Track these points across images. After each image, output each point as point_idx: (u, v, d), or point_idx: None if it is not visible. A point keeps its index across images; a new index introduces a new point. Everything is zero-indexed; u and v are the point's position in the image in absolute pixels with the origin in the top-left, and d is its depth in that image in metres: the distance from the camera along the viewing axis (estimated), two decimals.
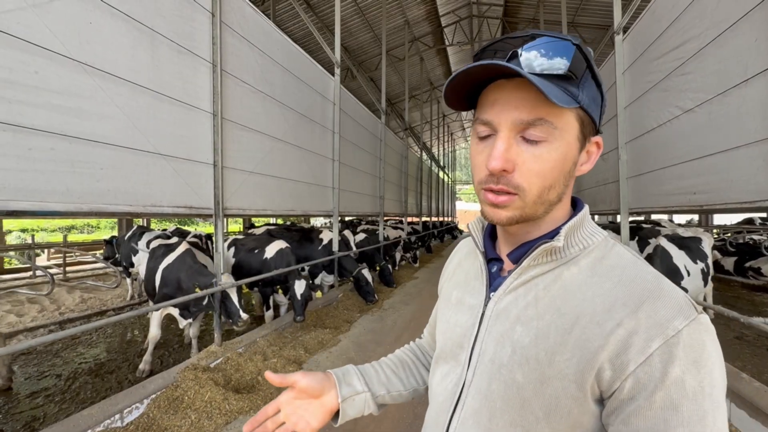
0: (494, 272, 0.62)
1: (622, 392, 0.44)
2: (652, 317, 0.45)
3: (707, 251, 4.33)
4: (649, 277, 0.49)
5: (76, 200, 2.30)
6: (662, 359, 0.43)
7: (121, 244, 6.49)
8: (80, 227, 24.08)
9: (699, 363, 0.42)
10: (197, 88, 3.23)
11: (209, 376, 2.92)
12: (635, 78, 4.16)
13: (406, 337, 4.41)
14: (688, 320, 0.44)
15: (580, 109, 0.50)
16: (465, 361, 0.59)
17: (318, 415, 0.68)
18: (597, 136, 0.55)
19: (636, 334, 0.44)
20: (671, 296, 0.46)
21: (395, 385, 0.79)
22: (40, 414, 2.92)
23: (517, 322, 0.54)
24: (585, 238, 0.55)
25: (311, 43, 10.55)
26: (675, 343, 0.43)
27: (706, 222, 11.98)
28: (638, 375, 0.43)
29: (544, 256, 0.54)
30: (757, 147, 2.45)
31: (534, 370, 0.50)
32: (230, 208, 3.68)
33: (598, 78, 0.52)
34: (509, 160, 0.49)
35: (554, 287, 0.53)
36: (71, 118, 2.25)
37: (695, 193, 3.12)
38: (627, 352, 0.44)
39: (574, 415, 0.48)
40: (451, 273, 0.75)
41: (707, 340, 0.44)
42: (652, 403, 0.42)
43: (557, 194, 0.53)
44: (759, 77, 2.41)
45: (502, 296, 0.57)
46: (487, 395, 0.54)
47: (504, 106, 0.50)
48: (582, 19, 9.96)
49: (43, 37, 2.09)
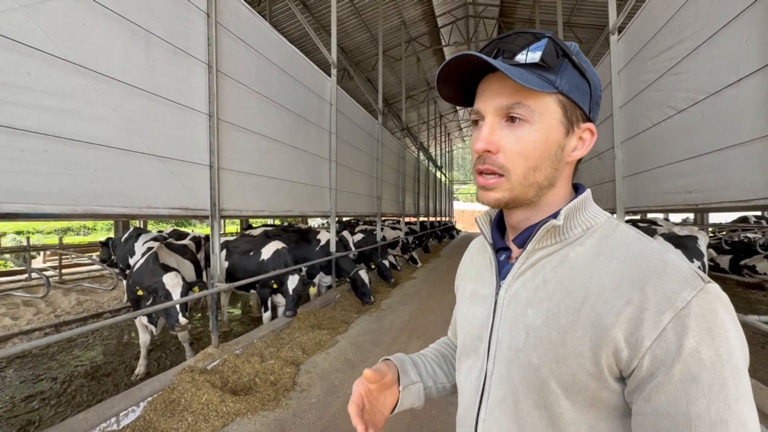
0: (503, 260, 0.64)
1: (642, 370, 0.45)
2: (660, 291, 0.45)
3: (703, 250, 4.35)
4: (654, 252, 0.49)
5: (70, 202, 2.28)
6: (676, 332, 0.43)
7: (117, 246, 6.46)
8: (76, 229, 23.95)
9: (713, 332, 0.43)
10: (192, 89, 3.22)
11: (206, 378, 2.90)
12: (630, 77, 4.17)
13: (404, 338, 4.41)
14: (695, 290, 0.44)
15: (559, 94, 0.53)
16: (484, 352, 0.60)
17: (388, 404, 0.70)
18: (588, 123, 0.57)
19: (646, 310, 0.45)
20: (676, 269, 0.46)
21: (440, 378, 0.80)
22: (36, 418, 2.90)
23: (528, 305, 0.55)
24: (588, 219, 0.56)
25: (308, 43, 10.53)
26: (686, 314, 0.43)
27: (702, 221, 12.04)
28: (654, 351, 0.43)
29: (548, 238, 0.56)
30: (751, 146, 2.46)
31: (548, 350, 0.51)
32: (227, 209, 3.67)
33: (581, 67, 0.55)
34: (492, 142, 0.54)
35: (561, 268, 0.54)
36: (64, 120, 2.24)
37: (691, 192, 3.14)
38: (640, 329, 0.45)
39: (591, 390, 0.49)
40: (465, 270, 0.77)
41: (719, 308, 0.44)
42: (671, 377, 0.42)
43: (545, 176, 0.55)
44: (750, 77, 2.42)
45: (512, 282, 0.59)
46: (509, 381, 0.55)
47: (488, 95, 0.55)
48: (577, 19, 10.00)
49: (35, 38, 2.08)
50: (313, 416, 2.71)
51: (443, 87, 0.60)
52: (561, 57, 0.53)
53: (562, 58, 0.53)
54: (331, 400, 2.94)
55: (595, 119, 0.58)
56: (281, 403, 2.83)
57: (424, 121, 20.30)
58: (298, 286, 4.14)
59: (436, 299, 6.35)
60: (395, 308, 5.75)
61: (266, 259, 4.58)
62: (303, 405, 2.85)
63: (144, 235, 6.07)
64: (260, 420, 2.61)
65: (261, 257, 4.61)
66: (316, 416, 2.72)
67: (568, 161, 0.57)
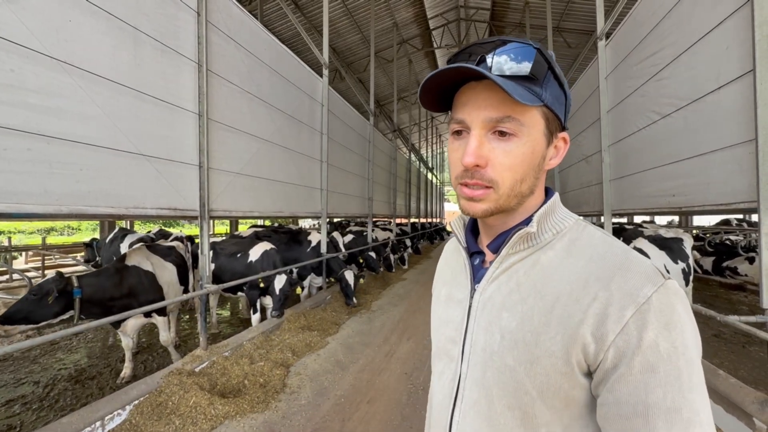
0: (477, 265, 0.65)
1: (606, 362, 0.47)
2: (623, 287, 0.48)
3: (688, 252, 4.45)
4: (618, 251, 0.52)
5: (55, 202, 2.24)
6: (637, 326, 0.45)
7: (102, 247, 6.34)
8: (60, 229, 23.41)
9: (670, 325, 0.45)
10: (181, 88, 3.18)
11: (194, 380, 2.87)
12: (617, 82, 4.26)
13: (395, 339, 4.42)
14: (656, 286, 0.47)
15: (544, 106, 0.54)
16: (458, 355, 0.61)
17: None
18: (563, 132, 0.59)
19: (611, 305, 0.47)
20: (639, 266, 0.49)
21: None
22: (17, 422, 2.82)
23: (503, 309, 0.56)
24: (557, 222, 0.58)
25: (299, 43, 10.49)
26: (646, 309, 0.45)
27: (686, 223, 12.34)
28: (618, 344, 0.46)
29: (521, 243, 0.57)
30: (730, 151, 2.54)
31: (523, 352, 0.52)
32: (216, 209, 3.63)
33: (560, 78, 0.55)
34: (481, 156, 0.53)
35: (533, 271, 0.56)
36: (49, 118, 2.19)
37: (674, 195, 3.21)
38: (605, 324, 0.47)
39: (565, 390, 0.50)
40: (440, 272, 0.77)
41: (676, 303, 0.47)
42: (631, 369, 0.45)
43: (528, 187, 0.56)
44: (731, 84, 2.50)
45: (486, 286, 0.60)
46: (483, 384, 0.56)
47: (475, 106, 0.54)
48: (567, 24, 10.15)
49: (19, 34, 2.03)
50: (303, 418, 2.70)
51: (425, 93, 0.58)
52: (547, 70, 0.53)
53: (548, 71, 0.54)
54: (321, 402, 2.93)
55: (567, 128, 0.60)
56: (271, 405, 2.81)
57: (416, 123, 20.38)
58: (285, 286, 4.12)
59: (426, 300, 6.37)
60: (386, 309, 5.76)
61: (254, 261, 4.54)
62: (293, 407, 2.84)
63: (130, 236, 5.97)
64: (249, 422, 2.59)
65: (249, 259, 4.57)
66: (306, 418, 2.70)
67: (545, 169, 0.59)
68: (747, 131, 2.37)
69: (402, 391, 3.14)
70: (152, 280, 3.45)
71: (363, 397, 3.04)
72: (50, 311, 2.67)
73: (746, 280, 6.67)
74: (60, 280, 2.77)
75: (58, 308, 2.72)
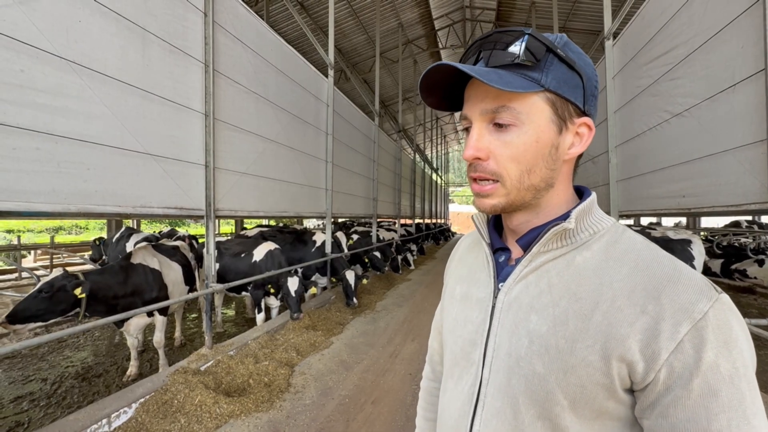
0: (501, 262, 0.61)
1: (658, 384, 0.43)
2: (676, 302, 0.44)
3: (695, 253, 4.39)
4: (665, 260, 0.48)
5: (63, 201, 2.26)
6: (693, 344, 0.41)
7: (108, 246, 6.39)
8: (68, 228, 23.67)
9: (729, 344, 0.42)
10: (188, 88, 3.20)
11: (199, 379, 2.88)
12: (625, 82, 4.22)
13: (399, 340, 4.41)
14: (711, 301, 0.43)
15: (547, 91, 0.51)
16: (479, 358, 0.57)
17: None
18: (584, 118, 0.54)
19: (663, 321, 0.43)
20: (690, 279, 0.45)
21: None
22: (25, 419, 2.85)
23: (531, 311, 0.53)
24: (595, 223, 0.54)
25: (305, 44, 10.52)
26: (703, 326, 0.42)
27: (694, 225, 12.18)
28: (672, 363, 0.42)
29: (555, 241, 0.54)
30: (743, 151, 2.49)
31: (555, 359, 0.49)
32: (222, 209, 3.64)
33: (569, 60, 0.51)
34: (481, 148, 0.52)
35: (567, 272, 0.52)
36: (57, 118, 2.21)
37: (684, 196, 3.17)
38: (657, 341, 0.43)
39: (599, 401, 0.47)
40: (454, 269, 0.73)
41: (732, 319, 0.43)
42: (690, 392, 0.41)
43: (540, 178, 0.53)
44: (745, 82, 2.46)
45: (513, 285, 0.56)
46: (508, 392, 0.52)
47: (473, 100, 0.54)
48: (573, 24, 10.09)
49: (29, 35, 2.05)
50: (307, 418, 2.70)
51: (427, 95, 0.58)
52: (546, 53, 0.51)
53: (547, 54, 0.51)
54: (325, 402, 2.93)
55: (591, 113, 0.55)
56: (275, 405, 2.82)
57: (421, 123, 20.36)
58: (299, 288, 4.15)
59: (431, 301, 6.35)
60: (390, 310, 5.75)
61: (258, 261, 4.55)
62: (297, 407, 2.84)
63: (136, 235, 6.02)
64: (254, 422, 2.59)
65: (253, 258, 4.58)
66: (310, 418, 2.70)
67: (565, 159, 0.55)
68: (759, 131, 2.33)
69: (406, 391, 3.13)
70: (158, 277, 3.46)
71: (367, 397, 3.03)
72: (57, 308, 2.69)
73: (756, 282, 6.57)
74: (67, 277, 2.79)
75: (66, 305, 2.74)
